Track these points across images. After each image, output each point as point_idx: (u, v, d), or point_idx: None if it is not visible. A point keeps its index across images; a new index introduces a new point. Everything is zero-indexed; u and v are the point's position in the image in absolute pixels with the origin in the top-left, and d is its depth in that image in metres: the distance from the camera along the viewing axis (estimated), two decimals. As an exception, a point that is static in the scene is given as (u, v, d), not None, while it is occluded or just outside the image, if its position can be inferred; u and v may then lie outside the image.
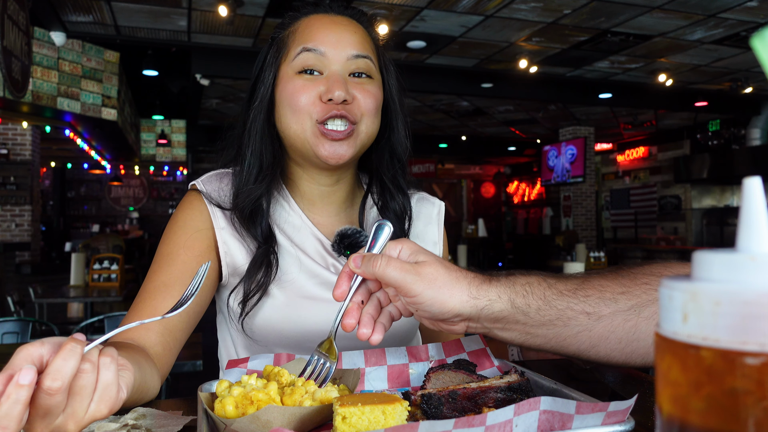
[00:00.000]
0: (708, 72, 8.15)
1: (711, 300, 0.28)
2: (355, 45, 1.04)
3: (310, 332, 1.04)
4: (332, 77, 1.01)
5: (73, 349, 0.58)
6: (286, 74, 1.05)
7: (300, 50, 1.03)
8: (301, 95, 1.02)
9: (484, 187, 17.20)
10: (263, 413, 0.63)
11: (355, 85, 1.04)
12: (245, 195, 1.05)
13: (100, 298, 4.74)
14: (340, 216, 1.16)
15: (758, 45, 0.34)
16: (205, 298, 1.07)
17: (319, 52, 1.02)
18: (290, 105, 1.03)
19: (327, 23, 1.05)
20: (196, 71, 6.97)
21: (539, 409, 0.58)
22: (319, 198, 1.13)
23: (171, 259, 1.04)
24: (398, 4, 5.68)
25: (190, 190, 1.13)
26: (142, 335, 0.95)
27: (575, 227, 11.51)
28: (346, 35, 1.04)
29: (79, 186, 14.90)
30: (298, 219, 1.12)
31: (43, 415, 0.57)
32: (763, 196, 0.32)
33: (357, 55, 1.04)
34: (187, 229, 1.06)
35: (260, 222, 1.06)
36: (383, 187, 1.15)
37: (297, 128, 1.03)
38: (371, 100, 1.04)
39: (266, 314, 1.04)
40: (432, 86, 7.95)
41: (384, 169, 1.14)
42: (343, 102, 1.00)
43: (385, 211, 1.14)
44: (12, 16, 4.87)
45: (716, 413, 0.28)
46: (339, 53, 1.03)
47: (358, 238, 1.09)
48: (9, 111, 6.38)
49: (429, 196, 1.26)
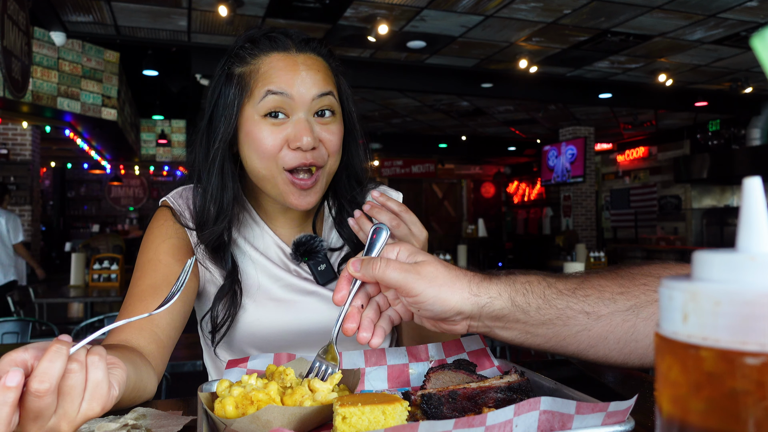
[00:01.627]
0: (708, 72, 8.15)
1: (711, 300, 0.28)
2: (318, 84, 1.05)
3: (280, 331, 1.09)
4: (299, 124, 1.03)
5: (59, 350, 0.58)
6: (251, 117, 1.05)
7: (265, 93, 1.03)
8: (269, 142, 1.03)
9: (484, 187, 17.20)
10: (263, 413, 0.63)
11: (321, 127, 1.05)
12: (206, 236, 1.07)
13: (100, 298, 4.74)
14: (301, 227, 1.20)
15: (758, 45, 0.34)
16: (191, 295, 1.09)
17: (285, 95, 1.03)
18: (257, 150, 1.04)
19: (290, 64, 1.05)
20: (196, 71, 6.96)
21: (539, 409, 0.58)
22: (281, 213, 1.18)
23: (154, 264, 1.06)
24: (398, 4, 5.68)
25: (162, 206, 1.15)
26: (134, 337, 0.96)
27: (575, 227, 11.51)
28: (310, 75, 1.05)
29: (79, 186, 14.90)
30: (260, 230, 1.17)
31: (34, 417, 0.57)
32: (763, 196, 0.32)
33: (321, 93, 1.05)
34: (165, 237, 1.09)
35: (223, 255, 1.10)
36: (341, 207, 1.20)
37: (266, 173, 1.05)
38: (336, 139, 1.07)
39: (239, 323, 1.10)
40: (432, 86, 7.95)
41: (342, 190, 1.19)
42: (311, 149, 1.02)
43: (341, 227, 1.19)
44: (12, 16, 4.87)
45: (716, 413, 0.28)
46: (304, 95, 1.03)
47: (313, 244, 1.13)
48: (9, 111, 6.39)
49: (387, 188, 1.28)
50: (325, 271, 1.15)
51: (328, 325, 1.10)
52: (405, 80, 7.74)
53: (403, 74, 7.68)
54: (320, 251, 1.14)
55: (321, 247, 1.14)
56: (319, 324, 1.11)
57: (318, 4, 5.64)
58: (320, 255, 1.15)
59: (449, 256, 6.22)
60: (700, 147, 11.28)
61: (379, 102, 9.79)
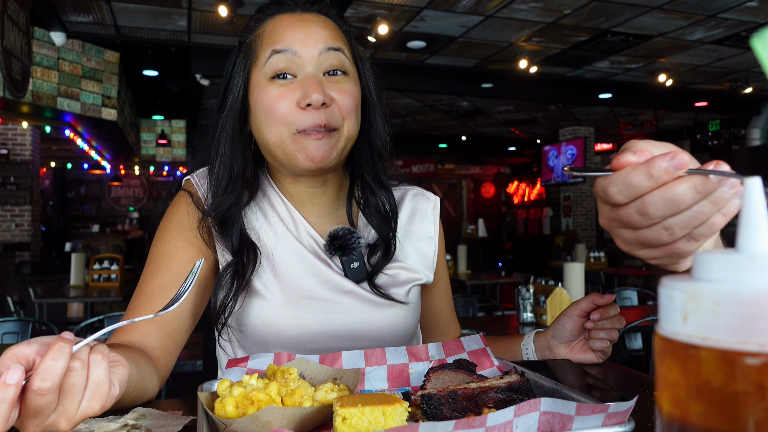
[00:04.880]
0: (708, 72, 8.15)
1: (711, 300, 0.28)
2: (325, 39, 1.00)
3: (310, 332, 1.02)
4: (307, 80, 0.98)
5: (62, 348, 0.57)
6: (258, 82, 1.01)
7: (270, 53, 0.99)
8: (277, 104, 0.98)
9: (484, 187, 17.20)
10: (263, 414, 0.63)
11: (332, 85, 1.00)
12: (214, 206, 1.02)
13: (100, 298, 4.74)
14: (332, 215, 1.13)
15: (758, 45, 0.34)
16: (202, 297, 1.04)
17: (290, 52, 0.98)
18: (267, 115, 0.99)
19: (294, 21, 1.01)
20: (196, 71, 6.96)
21: (539, 410, 0.58)
22: (307, 199, 1.10)
23: (167, 260, 1.01)
24: (398, 4, 5.68)
25: (183, 188, 1.10)
26: (140, 339, 0.93)
27: (575, 227, 11.51)
28: (316, 30, 1.00)
29: (79, 186, 14.90)
30: (292, 217, 1.09)
31: (34, 414, 0.57)
32: (763, 196, 0.32)
33: (329, 47, 1.00)
34: (181, 228, 1.03)
35: (230, 233, 1.02)
36: (364, 185, 1.12)
37: (275, 139, 1.00)
38: (350, 100, 1.01)
39: (265, 314, 1.02)
40: (432, 86, 7.95)
41: (365, 165, 1.11)
42: (322, 105, 0.97)
43: (366, 209, 1.11)
44: (12, 16, 4.87)
45: (716, 414, 0.28)
46: (310, 50, 0.99)
47: (349, 240, 1.06)
48: (9, 111, 6.38)
49: (424, 191, 1.24)
50: (357, 270, 1.07)
51: (361, 329, 1.04)
52: (405, 80, 7.74)
53: (403, 74, 7.68)
54: (356, 248, 1.06)
55: (358, 244, 1.06)
56: (352, 327, 1.04)
57: (318, 4, 5.64)
58: (355, 252, 1.07)
59: (449, 256, 6.21)
60: (700, 147, 11.28)
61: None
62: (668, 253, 0.58)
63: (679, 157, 0.52)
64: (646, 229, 0.56)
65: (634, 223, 0.56)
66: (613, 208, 0.57)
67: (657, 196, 0.53)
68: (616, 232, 0.59)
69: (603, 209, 0.59)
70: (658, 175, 0.52)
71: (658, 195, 0.53)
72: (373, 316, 1.06)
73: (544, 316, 3.08)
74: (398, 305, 1.08)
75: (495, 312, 4.47)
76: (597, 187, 0.58)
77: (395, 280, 1.10)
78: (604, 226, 0.61)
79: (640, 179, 0.53)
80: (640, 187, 0.53)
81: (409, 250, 1.15)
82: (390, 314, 1.07)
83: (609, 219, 0.59)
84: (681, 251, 0.57)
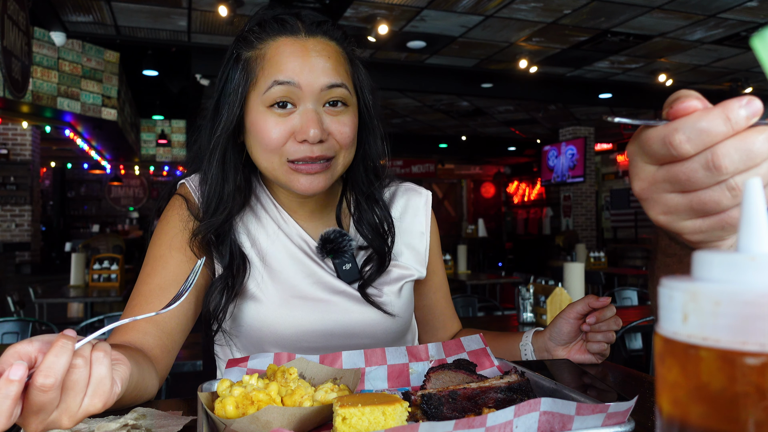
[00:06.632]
0: (708, 72, 8.15)
1: (711, 300, 0.28)
2: (328, 73, 0.98)
3: (305, 331, 1.04)
4: (306, 114, 0.97)
5: (65, 345, 0.58)
6: (256, 106, 0.99)
7: (271, 83, 0.97)
8: (273, 134, 0.97)
9: (484, 187, 17.20)
10: (263, 414, 0.63)
11: (331, 118, 0.99)
12: (204, 228, 1.02)
13: (100, 298, 4.73)
14: (323, 219, 1.14)
15: (758, 45, 0.34)
16: (201, 297, 1.05)
17: (292, 84, 0.96)
18: (261, 142, 0.99)
19: (298, 50, 0.98)
20: (196, 71, 6.97)
21: (539, 410, 0.58)
22: (298, 206, 1.12)
23: (164, 261, 1.02)
24: (398, 4, 5.68)
25: (178, 192, 1.11)
26: (139, 339, 0.94)
27: (575, 227, 11.50)
28: (319, 62, 0.98)
29: (79, 186, 14.89)
30: (284, 220, 1.11)
31: (36, 411, 0.58)
32: (763, 196, 0.32)
33: (332, 85, 0.98)
34: (179, 230, 1.04)
35: (220, 249, 1.04)
36: (358, 201, 1.13)
37: (267, 165, 1.00)
38: (348, 132, 1.00)
39: (261, 315, 1.04)
40: (432, 86, 7.95)
41: (359, 183, 1.12)
42: (319, 142, 0.97)
43: (360, 224, 1.13)
44: (12, 16, 4.87)
45: (716, 414, 0.28)
46: (312, 85, 0.97)
47: (341, 242, 1.07)
48: (9, 111, 6.39)
49: (416, 186, 1.24)
50: (349, 271, 1.09)
51: (355, 327, 1.07)
52: (405, 80, 7.74)
53: (403, 74, 7.68)
54: (348, 251, 1.09)
55: (349, 247, 1.08)
56: (346, 325, 1.07)
57: (318, 4, 5.64)
58: (347, 254, 1.09)
59: (449, 256, 6.20)
60: (700, 147, 11.27)
61: (379, 102, 9.78)
62: (721, 224, 0.48)
63: (754, 103, 0.45)
64: (706, 189, 0.47)
65: (695, 181, 0.47)
66: (665, 165, 0.48)
67: (731, 146, 0.45)
68: (659, 198, 0.50)
69: (645, 171, 0.50)
70: (736, 120, 0.45)
71: (732, 145, 0.45)
72: (365, 314, 1.08)
73: (544, 316, 3.08)
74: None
75: (495, 312, 4.48)
76: (651, 140, 0.48)
77: (387, 277, 1.12)
78: (641, 192, 0.51)
79: (717, 124, 0.45)
80: (715, 133, 0.45)
81: (401, 247, 1.17)
82: (382, 312, 1.09)
83: (653, 181, 0.49)
84: (736, 220, 0.47)
